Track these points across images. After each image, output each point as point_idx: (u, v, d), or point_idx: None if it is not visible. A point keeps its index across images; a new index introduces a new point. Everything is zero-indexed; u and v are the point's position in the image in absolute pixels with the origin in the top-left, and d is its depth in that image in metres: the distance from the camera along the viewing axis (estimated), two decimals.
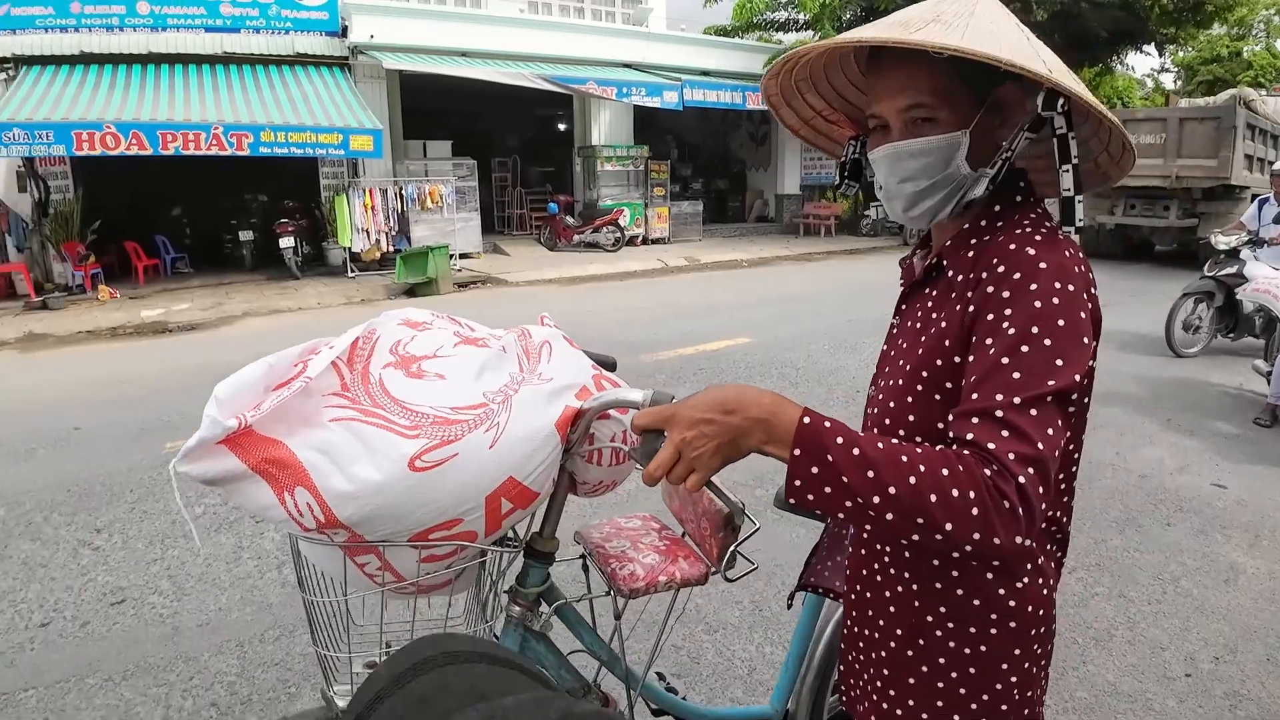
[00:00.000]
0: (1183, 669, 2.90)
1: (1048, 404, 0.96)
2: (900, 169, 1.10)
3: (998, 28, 1.01)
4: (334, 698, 1.32)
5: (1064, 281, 1.00)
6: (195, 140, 11.05)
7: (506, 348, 1.27)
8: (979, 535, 0.92)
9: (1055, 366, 0.97)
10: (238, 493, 1.08)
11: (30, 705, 2.70)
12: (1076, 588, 3.41)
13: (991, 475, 0.92)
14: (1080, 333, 0.99)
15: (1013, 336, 0.98)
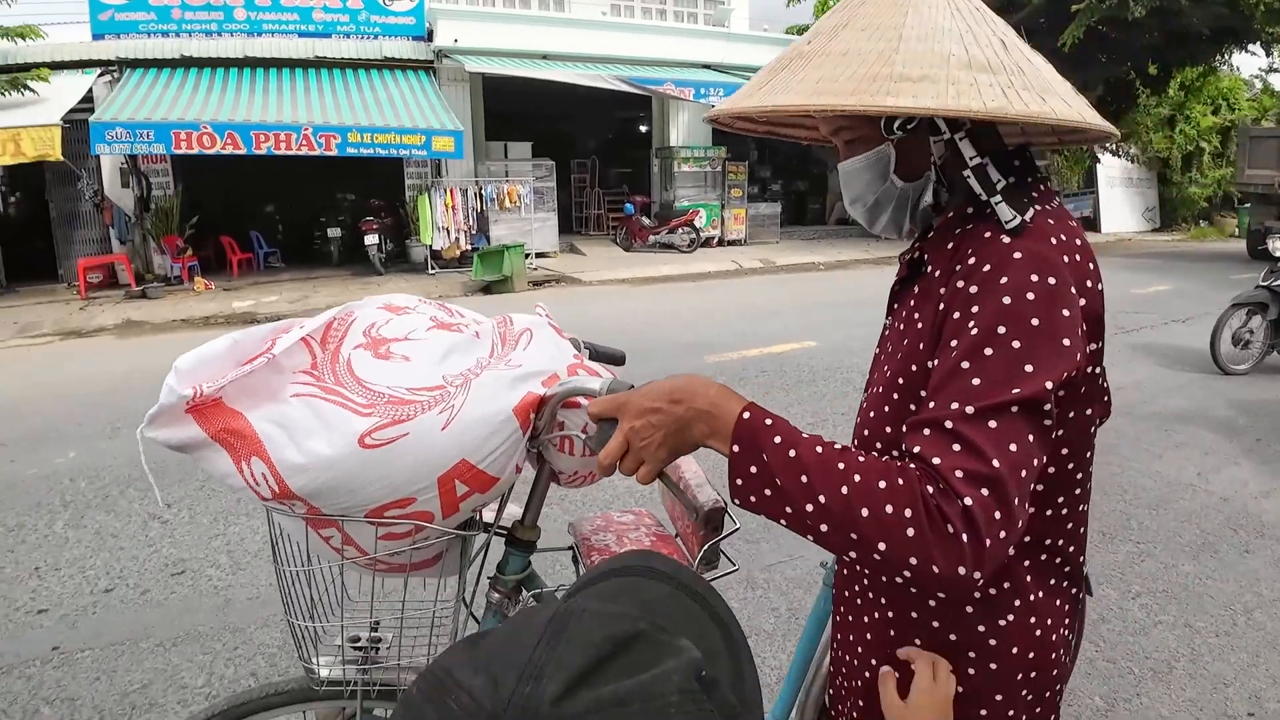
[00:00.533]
0: (1246, 707, 2.69)
1: (1011, 415, 0.84)
2: (850, 189, 1.08)
3: (857, 47, 0.92)
4: (317, 668, 1.35)
5: (1042, 274, 0.87)
6: (286, 140, 11.51)
7: (481, 333, 1.26)
8: (915, 560, 0.81)
9: (1023, 372, 0.85)
10: (203, 459, 1.12)
11: (85, 664, 2.88)
12: (1139, 615, 3.22)
13: (934, 494, 0.82)
14: (1058, 333, 0.86)
15: (976, 337, 0.87)
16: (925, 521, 0.81)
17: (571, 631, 0.46)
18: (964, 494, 0.81)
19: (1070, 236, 0.94)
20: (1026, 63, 0.93)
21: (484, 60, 13.98)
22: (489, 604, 1.39)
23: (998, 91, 0.87)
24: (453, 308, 1.39)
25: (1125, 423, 5.57)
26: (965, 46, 0.91)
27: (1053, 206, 0.98)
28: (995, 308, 0.87)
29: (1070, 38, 14.59)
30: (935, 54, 0.90)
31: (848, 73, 0.90)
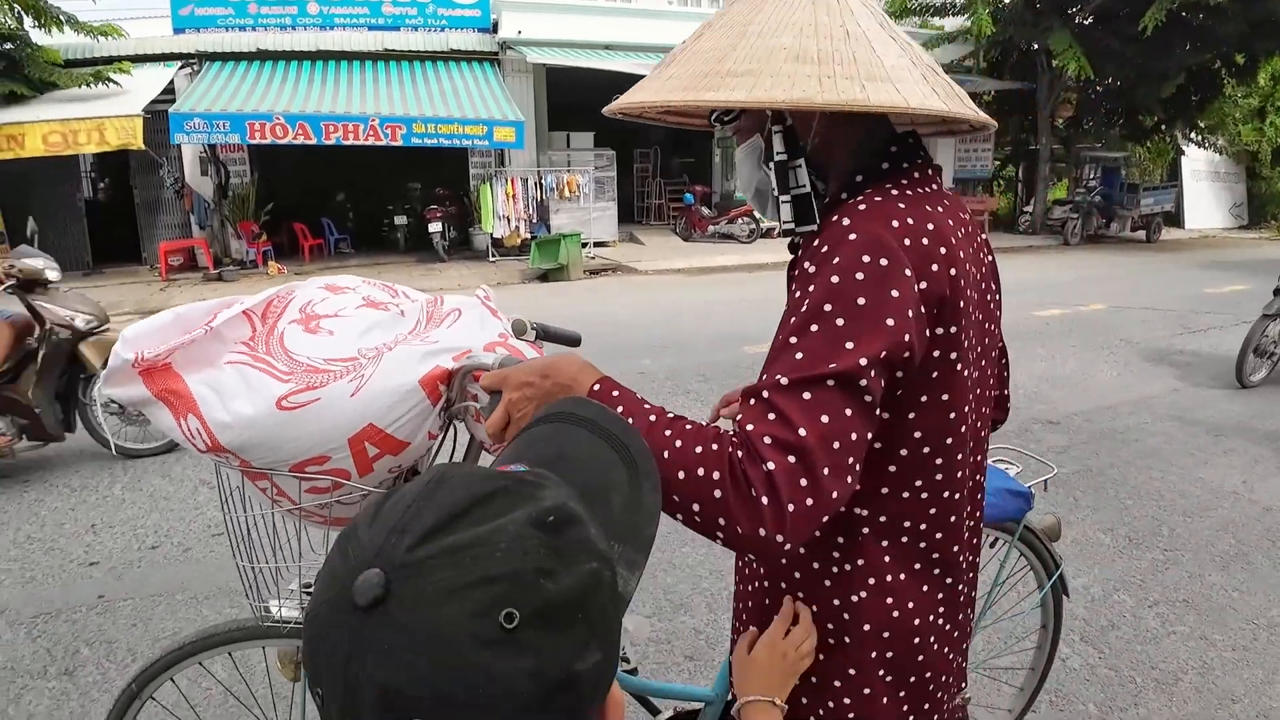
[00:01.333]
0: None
1: (826, 388, 0.87)
2: (740, 177, 1.16)
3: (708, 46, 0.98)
4: (269, 607, 1.52)
5: (873, 255, 0.90)
6: (354, 131, 11.88)
7: (406, 312, 1.38)
8: (723, 521, 0.86)
9: (842, 348, 0.88)
10: (151, 415, 1.28)
11: (125, 611, 3.18)
12: (1153, 623, 3.15)
13: (742, 459, 0.86)
14: (884, 313, 0.89)
15: (805, 313, 0.91)
16: (730, 484, 0.86)
17: (438, 492, 0.54)
18: (768, 459, 0.85)
19: (922, 221, 0.95)
20: (866, 51, 0.94)
21: (546, 51, 14.15)
22: None
23: (813, 82, 0.90)
24: (397, 288, 1.50)
25: (1175, 427, 5.40)
26: (801, 39, 0.94)
27: (918, 192, 1.00)
28: (824, 285, 0.91)
29: (1151, 21, 13.98)
30: (767, 48, 0.94)
31: (690, 70, 0.97)
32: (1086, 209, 17.77)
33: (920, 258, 0.93)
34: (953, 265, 0.96)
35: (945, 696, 1.13)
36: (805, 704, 1.10)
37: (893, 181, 1.01)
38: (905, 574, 1.04)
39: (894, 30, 1.01)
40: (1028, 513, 1.94)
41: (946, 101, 0.95)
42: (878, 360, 0.88)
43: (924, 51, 1.02)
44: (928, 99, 0.93)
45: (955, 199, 1.07)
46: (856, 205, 0.97)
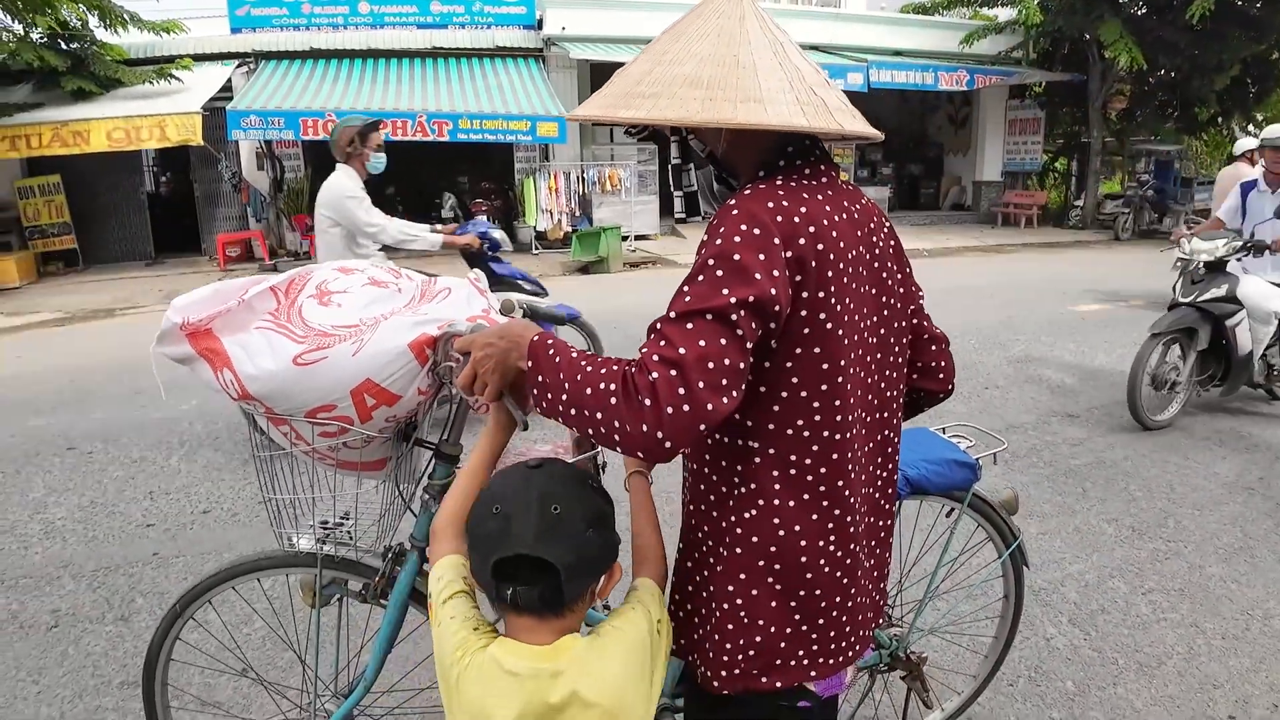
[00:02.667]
0: (1228, 710, 2.68)
1: (705, 320, 1.08)
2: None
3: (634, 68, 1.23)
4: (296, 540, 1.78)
5: (750, 225, 1.12)
6: (402, 127, 12.24)
7: (403, 289, 1.66)
8: (617, 424, 1.07)
9: (719, 293, 1.08)
10: (194, 369, 1.58)
11: (178, 567, 3.53)
12: (1144, 610, 3.24)
13: (633, 372, 1.08)
14: (753, 268, 1.09)
15: (695, 267, 1.13)
16: (622, 392, 1.08)
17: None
18: (653, 371, 1.07)
19: (795, 204, 1.17)
20: (749, 78, 1.17)
21: (589, 47, 14.36)
22: (423, 503, 1.76)
23: (696, 104, 1.14)
24: (401, 270, 1.78)
25: (1198, 422, 5.40)
26: (698, 67, 1.17)
27: (802, 183, 1.21)
28: (711, 247, 1.14)
29: (1199, 9, 13.64)
30: (671, 75, 1.18)
31: (616, 89, 1.21)
32: (1138, 203, 17.40)
33: (789, 231, 1.14)
34: (820, 241, 1.16)
35: (846, 619, 1.30)
36: (711, 605, 1.29)
37: (783, 175, 1.23)
38: (793, 501, 1.23)
39: (788, 56, 1.21)
40: (975, 483, 2.07)
41: (810, 118, 1.15)
42: (746, 303, 1.09)
43: (814, 73, 1.22)
44: (791, 117, 1.14)
45: (850, 192, 1.29)
46: (743, 192, 1.19)
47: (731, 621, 1.26)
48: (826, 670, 1.29)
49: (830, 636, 1.28)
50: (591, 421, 1.11)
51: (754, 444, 1.23)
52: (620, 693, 1.17)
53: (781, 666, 1.26)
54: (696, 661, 1.33)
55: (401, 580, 1.76)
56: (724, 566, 1.27)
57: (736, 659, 1.26)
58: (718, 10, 1.24)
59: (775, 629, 1.25)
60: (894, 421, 1.37)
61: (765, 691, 1.27)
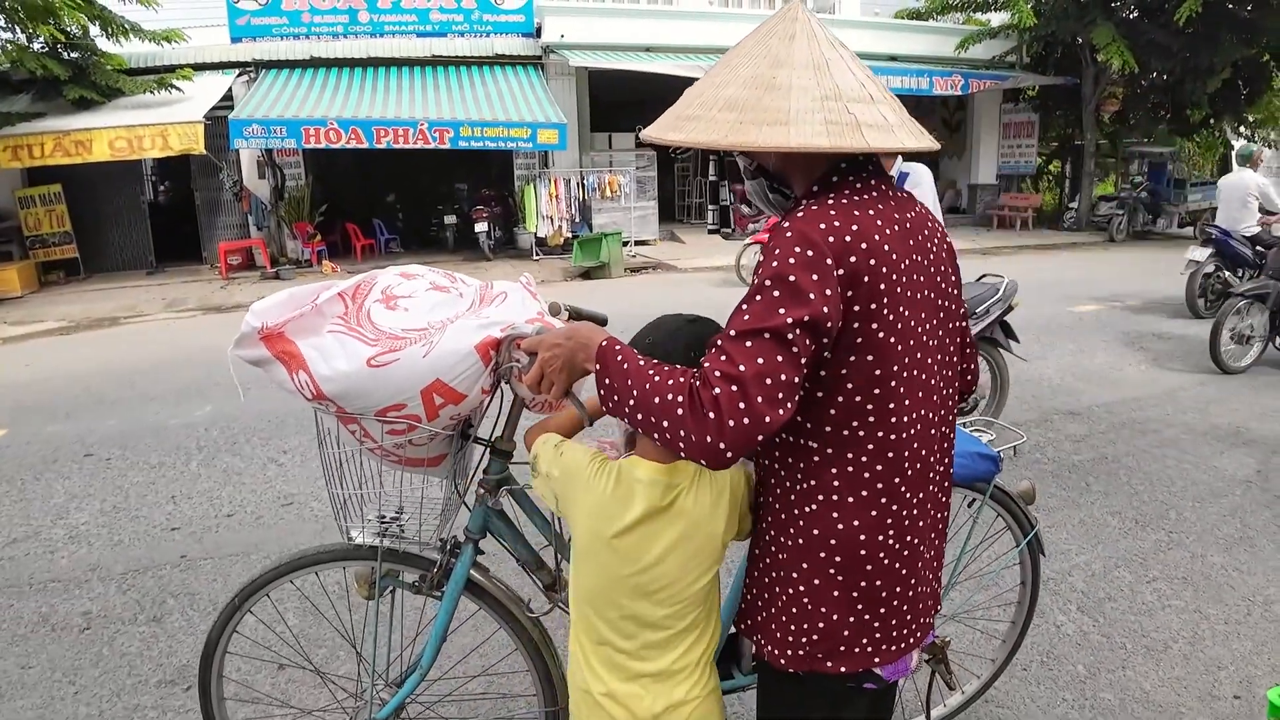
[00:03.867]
0: (1233, 690, 2.78)
1: (763, 339, 1.16)
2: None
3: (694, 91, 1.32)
4: (353, 533, 1.85)
5: (803, 246, 1.19)
6: (404, 135, 12.34)
7: (464, 294, 1.74)
8: (682, 433, 1.16)
9: (776, 313, 1.16)
10: (268, 371, 1.64)
11: (205, 569, 3.59)
12: (1149, 597, 3.33)
13: (698, 386, 1.17)
14: (807, 289, 1.17)
15: (754, 288, 1.21)
16: (689, 403, 1.17)
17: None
18: (715, 386, 1.15)
19: (847, 222, 1.23)
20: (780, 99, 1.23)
21: (588, 55, 14.49)
22: (477, 498, 1.85)
23: (726, 128, 1.23)
24: (455, 275, 1.86)
25: (1197, 419, 5.50)
26: (740, 90, 1.26)
27: (854, 199, 1.28)
28: (768, 268, 1.21)
29: (1186, 11, 13.81)
30: (715, 98, 1.26)
31: (672, 111, 1.31)
32: (1132, 205, 17.55)
33: (840, 250, 1.21)
34: (872, 256, 1.23)
35: (907, 608, 1.38)
36: (775, 590, 1.39)
37: (835, 191, 1.30)
38: (852, 497, 1.31)
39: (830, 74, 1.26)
40: (996, 475, 2.16)
41: (834, 138, 1.21)
42: (802, 323, 1.17)
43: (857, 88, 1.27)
44: (812, 138, 1.20)
45: (902, 202, 1.35)
46: (796, 212, 1.27)
47: (795, 606, 1.35)
48: (891, 656, 1.38)
49: (893, 624, 1.36)
50: (657, 427, 1.20)
51: (813, 444, 1.31)
52: (709, 513, 1.42)
53: (845, 653, 1.35)
54: (763, 641, 1.42)
55: (457, 571, 1.84)
56: (787, 556, 1.36)
57: (801, 642, 1.36)
58: (772, 31, 1.31)
59: (838, 617, 1.33)
60: (950, 419, 1.45)
61: (830, 674, 1.36)
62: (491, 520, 1.86)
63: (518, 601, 1.92)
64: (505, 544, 1.92)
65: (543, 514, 1.90)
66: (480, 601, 1.91)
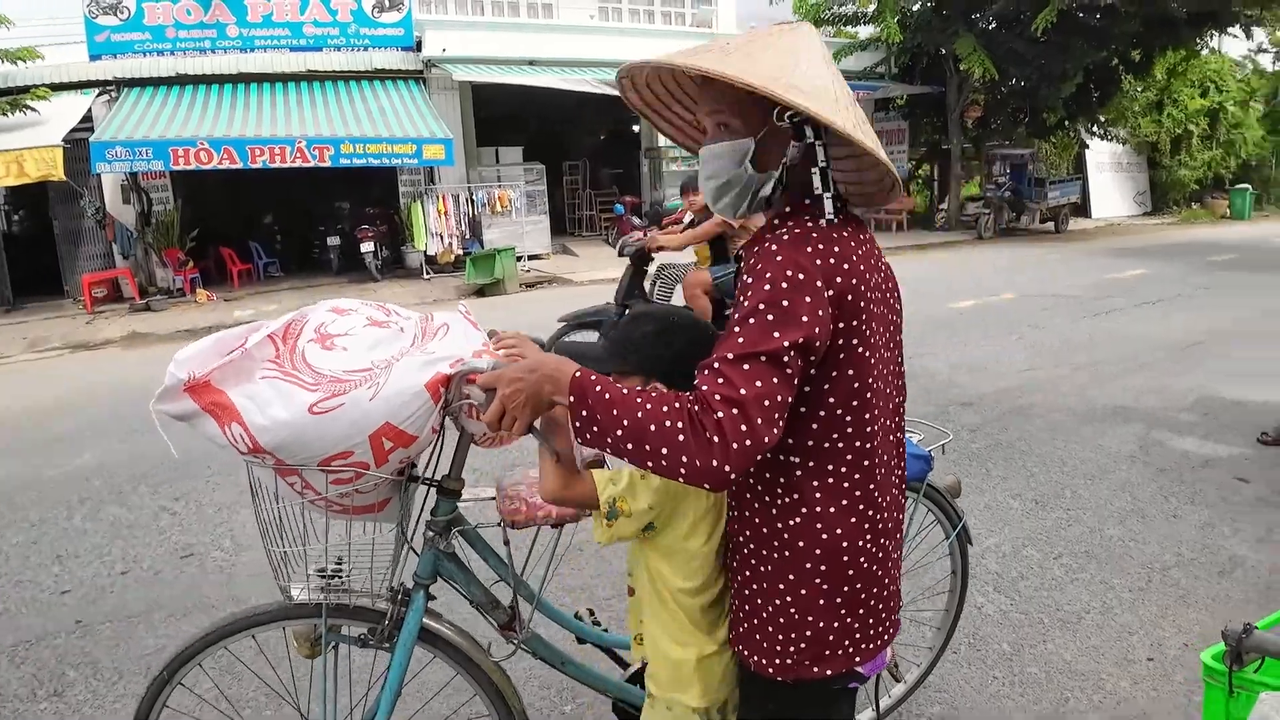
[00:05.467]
0: (1146, 653, 2.97)
1: (760, 362, 1.18)
2: (707, 167, 1.38)
3: (767, 54, 1.26)
4: (291, 591, 1.72)
5: (794, 272, 1.22)
6: (281, 154, 11.84)
7: (405, 329, 1.65)
8: (685, 459, 1.16)
9: (771, 336, 1.19)
10: (196, 425, 1.50)
11: (106, 634, 3.27)
12: (1058, 573, 3.52)
13: (698, 410, 1.17)
14: (800, 312, 1.20)
15: (745, 310, 1.22)
16: (690, 430, 1.17)
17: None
18: (718, 410, 1.16)
19: (830, 245, 1.27)
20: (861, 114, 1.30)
21: (471, 68, 14.31)
22: (425, 540, 1.75)
23: (851, 124, 1.24)
24: (390, 308, 1.75)
25: (1078, 402, 5.87)
26: (835, 88, 1.27)
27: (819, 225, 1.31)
28: (760, 292, 1.23)
29: (1042, 22, 14.86)
30: (818, 81, 1.26)
31: (759, 69, 1.24)
32: (997, 204, 18.71)
33: (829, 273, 1.25)
34: (853, 277, 1.28)
35: (882, 607, 1.42)
36: (759, 602, 1.40)
37: (807, 215, 1.32)
38: (834, 507, 1.34)
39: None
40: (929, 473, 2.25)
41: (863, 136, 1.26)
42: (796, 345, 1.20)
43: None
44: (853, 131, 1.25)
45: (858, 227, 1.39)
46: (783, 235, 1.29)
47: (782, 617, 1.37)
48: (870, 654, 1.42)
49: (870, 623, 1.40)
50: (652, 455, 1.18)
51: (795, 459, 1.33)
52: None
53: (830, 656, 1.38)
54: (747, 652, 1.43)
55: (410, 621, 1.72)
56: (772, 568, 1.37)
57: (789, 650, 1.37)
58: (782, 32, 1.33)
59: (823, 624, 1.36)
60: (901, 425, 1.52)
61: (818, 679, 1.38)
62: (442, 563, 1.76)
63: (477, 646, 1.82)
64: (458, 587, 1.83)
65: (497, 553, 1.84)
66: (435, 649, 1.80)
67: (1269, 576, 3.52)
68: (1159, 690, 2.79)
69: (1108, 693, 2.78)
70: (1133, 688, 2.81)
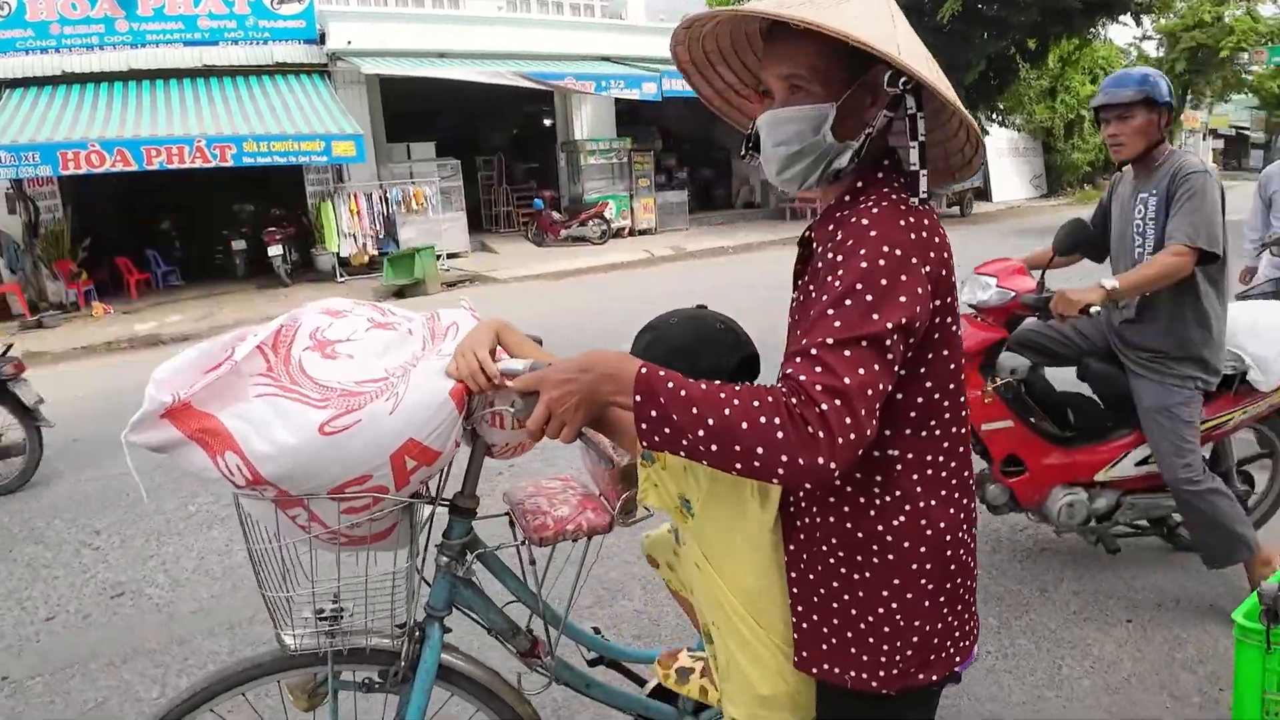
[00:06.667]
0: (1124, 615, 3.04)
1: (861, 347, 1.07)
2: (776, 133, 1.22)
3: (867, 10, 1.13)
4: (286, 639, 1.49)
5: (890, 247, 1.11)
6: (179, 154, 11.19)
7: (413, 330, 1.45)
8: (786, 458, 1.03)
9: (871, 319, 1.08)
10: (180, 457, 1.28)
11: (37, 690, 2.90)
12: (1026, 544, 3.57)
13: (797, 403, 1.04)
14: (898, 291, 1.10)
15: (839, 291, 1.10)
16: (790, 425, 1.04)
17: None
18: (820, 401, 1.04)
19: (919, 218, 1.17)
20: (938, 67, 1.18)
21: (379, 61, 13.83)
22: (438, 567, 1.56)
23: (945, 85, 1.14)
24: (384, 307, 1.54)
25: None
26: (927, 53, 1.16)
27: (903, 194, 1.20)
28: (855, 272, 1.11)
29: (948, 11, 15.30)
30: (918, 48, 1.14)
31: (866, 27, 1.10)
32: None
33: (922, 247, 1.15)
34: (945, 250, 1.19)
35: (972, 599, 1.34)
36: (853, 614, 1.27)
37: (887, 186, 1.21)
38: (935, 500, 1.24)
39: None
40: None
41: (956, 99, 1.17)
42: (899, 326, 1.10)
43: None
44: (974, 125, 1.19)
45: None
46: (872, 208, 1.16)
47: (887, 625, 1.24)
48: (967, 651, 1.33)
49: (966, 619, 1.31)
50: (743, 456, 1.05)
51: (893, 451, 1.22)
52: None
53: (935, 661, 1.28)
54: (839, 670, 1.28)
55: (427, 658, 1.53)
56: (872, 575, 1.24)
57: (894, 659, 1.25)
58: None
59: (929, 626, 1.26)
60: None
61: (924, 685, 1.28)
62: (458, 591, 1.58)
63: (501, 680, 1.64)
64: (475, 615, 1.65)
65: (515, 574, 1.68)
66: (453, 687, 1.62)
67: None
68: (1142, 651, 2.85)
69: (1095, 658, 2.82)
70: (1118, 650, 2.85)
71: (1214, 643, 2.86)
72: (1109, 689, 2.66)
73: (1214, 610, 3.05)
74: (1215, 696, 2.58)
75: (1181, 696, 2.61)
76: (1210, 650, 2.83)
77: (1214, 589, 3.18)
